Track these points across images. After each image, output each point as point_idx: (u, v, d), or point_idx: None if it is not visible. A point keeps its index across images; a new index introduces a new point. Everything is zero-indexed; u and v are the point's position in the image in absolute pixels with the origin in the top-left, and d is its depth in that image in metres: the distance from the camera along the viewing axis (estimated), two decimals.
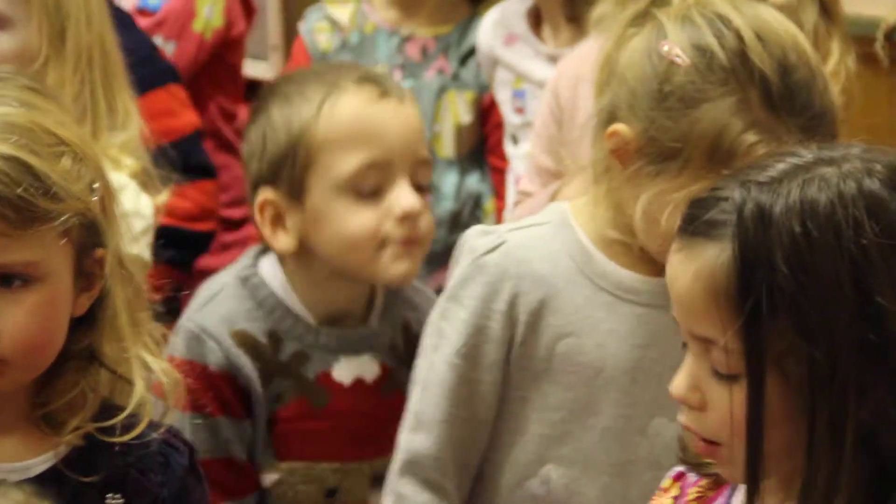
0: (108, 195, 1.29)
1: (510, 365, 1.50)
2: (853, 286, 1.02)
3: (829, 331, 1.03)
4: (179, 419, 1.45)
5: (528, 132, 2.12)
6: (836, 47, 1.98)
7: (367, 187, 1.60)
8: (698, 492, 1.25)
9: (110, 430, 1.24)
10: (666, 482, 1.33)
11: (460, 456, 1.51)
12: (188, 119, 2.22)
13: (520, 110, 2.20)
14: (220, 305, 1.66)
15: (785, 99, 1.46)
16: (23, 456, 1.23)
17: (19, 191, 1.16)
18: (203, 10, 2.54)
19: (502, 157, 2.24)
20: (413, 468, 1.48)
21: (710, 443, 1.11)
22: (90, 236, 1.24)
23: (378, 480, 1.60)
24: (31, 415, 1.23)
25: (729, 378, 1.05)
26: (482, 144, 2.36)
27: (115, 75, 1.89)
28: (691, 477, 1.28)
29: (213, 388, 1.66)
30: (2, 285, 1.20)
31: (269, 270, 1.67)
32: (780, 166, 1.11)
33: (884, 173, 1.05)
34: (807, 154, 1.11)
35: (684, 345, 1.12)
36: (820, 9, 1.98)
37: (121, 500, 1.25)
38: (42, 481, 1.19)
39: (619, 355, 1.49)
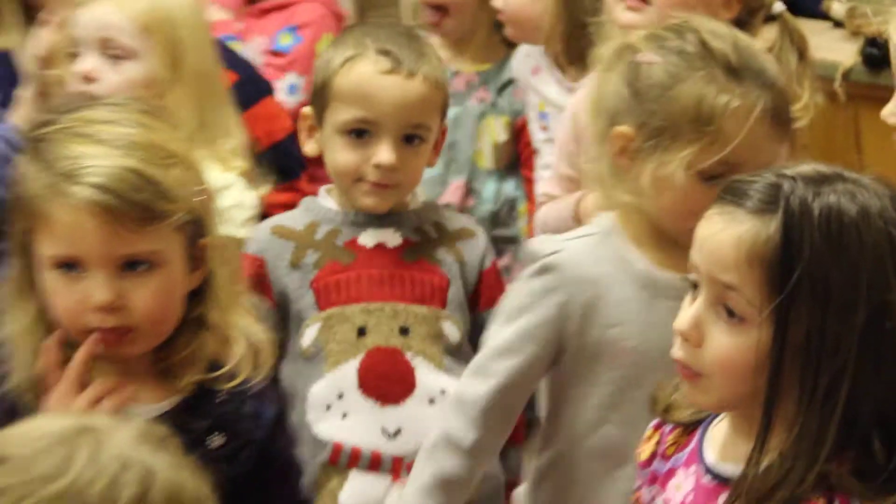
0: (208, 196, 1.45)
1: (567, 350, 1.65)
2: (868, 282, 1.19)
3: (843, 313, 1.17)
4: None
5: (550, 146, 2.28)
6: (807, 86, 2.09)
7: (357, 136, 1.80)
8: (674, 439, 1.38)
9: (214, 383, 1.40)
10: (648, 431, 1.45)
11: (503, 410, 1.67)
12: (284, 124, 2.37)
13: (544, 128, 2.35)
14: (275, 218, 1.95)
15: (743, 67, 1.64)
16: (147, 401, 1.40)
17: (142, 196, 1.33)
18: (321, 50, 2.65)
19: (533, 170, 2.40)
20: (464, 408, 1.64)
21: (695, 374, 1.25)
22: (196, 229, 1.39)
23: (404, 331, 1.81)
24: (154, 370, 1.40)
25: (739, 319, 1.20)
26: (517, 159, 2.53)
27: (220, 94, 2.06)
28: (667, 427, 1.40)
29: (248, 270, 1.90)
30: (130, 270, 1.36)
31: (325, 192, 1.93)
32: (811, 169, 1.26)
33: (892, 196, 1.23)
34: (828, 170, 1.26)
35: (694, 286, 1.26)
36: (797, 54, 2.12)
37: (221, 441, 1.41)
38: (160, 422, 1.30)
39: (657, 341, 1.55)
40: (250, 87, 2.33)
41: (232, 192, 2.00)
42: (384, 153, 1.81)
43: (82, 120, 1.45)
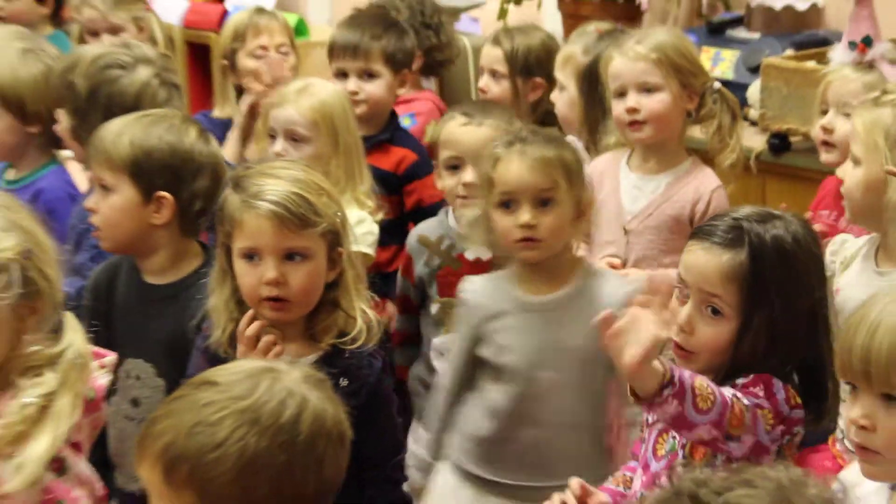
0: (344, 220, 1.90)
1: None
2: (805, 286, 1.66)
3: (791, 306, 1.64)
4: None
5: None
6: (736, 136, 2.53)
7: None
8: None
9: (343, 345, 1.83)
10: None
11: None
12: (438, 192, 2.75)
13: None
14: (420, 226, 2.57)
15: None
16: (298, 356, 1.80)
17: (300, 211, 1.78)
18: (428, 129, 2.98)
19: None
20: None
21: (688, 353, 1.67)
22: (335, 240, 1.83)
23: None
24: (303, 334, 1.84)
25: (720, 316, 1.63)
26: None
27: (359, 156, 2.61)
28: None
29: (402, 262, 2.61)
30: (290, 260, 1.81)
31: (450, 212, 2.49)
32: (752, 211, 1.71)
33: (804, 224, 1.70)
34: (763, 210, 1.72)
35: (683, 292, 1.67)
36: (730, 115, 2.53)
37: (346, 383, 1.79)
38: None
39: (525, 347, 2.08)
40: (424, 165, 2.79)
41: (364, 224, 2.49)
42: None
43: (268, 167, 1.91)
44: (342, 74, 2.93)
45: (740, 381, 1.69)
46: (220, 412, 1.22)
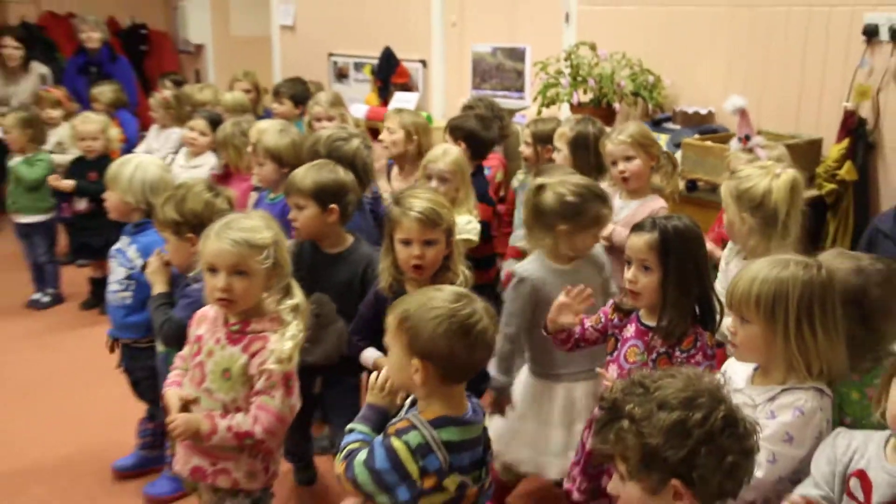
0: (454, 222, 2.45)
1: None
2: (695, 253, 2.16)
3: (687, 263, 2.14)
4: None
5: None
6: (675, 181, 3.27)
7: None
8: (618, 318, 2.35)
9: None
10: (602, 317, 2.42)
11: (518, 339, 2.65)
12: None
13: None
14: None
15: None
16: None
17: (434, 217, 2.36)
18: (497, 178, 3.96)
19: None
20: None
21: (637, 294, 2.19)
22: (448, 235, 2.42)
23: None
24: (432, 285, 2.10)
25: (649, 270, 2.15)
26: None
27: (469, 187, 3.32)
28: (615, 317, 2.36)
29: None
30: (427, 245, 2.37)
31: None
32: (664, 215, 2.24)
33: (690, 220, 2.17)
34: (670, 214, 2.16)
35: (628, 263, 2.16)
36: (672, 166, 3.27)
37: None
38: None
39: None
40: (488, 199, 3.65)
41: (472, 223, 3.27)
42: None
43: (415, 191, 2.50)
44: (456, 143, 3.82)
45: (683, 353, 2.17)
46: (437, 305, 1.74)
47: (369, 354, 2.59)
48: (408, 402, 1.87)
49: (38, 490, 3.27)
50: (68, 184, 4.74)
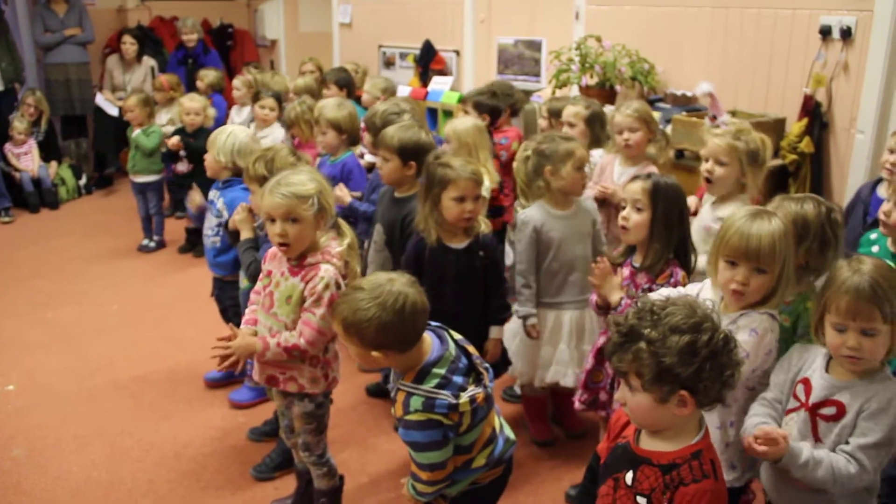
0: (482, 181, 2.39)
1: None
2: (679, 203, 2.17)
3: (673, 210, 2.14)
4: None
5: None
6: (666, 151, 3.26)
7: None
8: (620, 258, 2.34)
9: (478, 236, 2.41)
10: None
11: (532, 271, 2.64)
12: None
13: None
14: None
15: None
16: (464, 240, 2.40)
17: (480, 177, 2.33)
18: (515, 147, 3.84)
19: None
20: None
21: (627, 230, 2.17)
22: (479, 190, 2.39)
23: None
24: (466, 232, 2.39)
25: (641, 211, 2.16)
26: None
27: (488, 154, 3.34)
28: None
29: None
30: (475, 200, 2.34)
31: None
32: (657, 174, 2.18)
33: (674, 180, 2.16)
34: (661, 174, 2.20)
35: (623, 208, 2.16)
36: (665, 139, 3.26)
37: (482, 254, 2.44)
38: (466, 251, 2.41)
39: (562, 237, 2.55)
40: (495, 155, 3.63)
41: (487, 183, 2.98)
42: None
43: (450, 158, 2.45)
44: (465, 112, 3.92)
45: (659, 286, 2.11)
46: (365, 307, 1.64)
47: None
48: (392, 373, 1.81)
49: (149, 395, 3.36)
50: (175, 140, 4.88)
